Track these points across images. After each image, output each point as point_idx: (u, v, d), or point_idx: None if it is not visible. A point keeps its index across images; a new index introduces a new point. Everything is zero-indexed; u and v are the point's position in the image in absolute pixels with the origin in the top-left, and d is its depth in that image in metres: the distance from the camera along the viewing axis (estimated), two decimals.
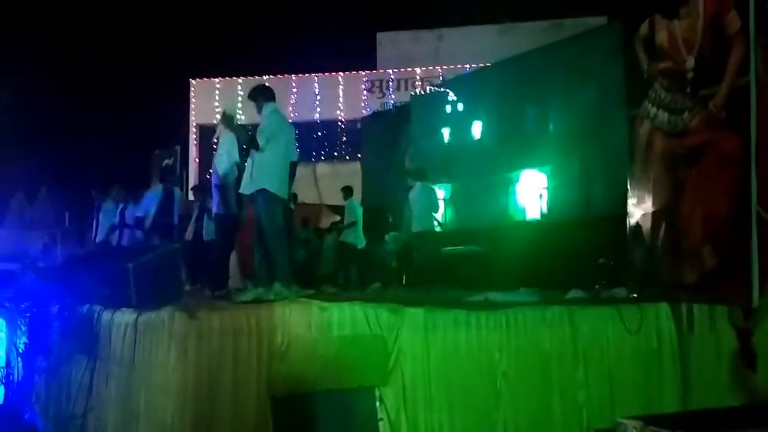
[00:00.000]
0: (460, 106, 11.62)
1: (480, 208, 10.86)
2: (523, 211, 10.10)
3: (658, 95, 5.71)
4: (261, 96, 5.97)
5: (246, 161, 5.80)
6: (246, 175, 5.76)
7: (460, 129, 11.68)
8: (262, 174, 5.57)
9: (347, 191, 11.47)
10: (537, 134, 10.11)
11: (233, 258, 8.07)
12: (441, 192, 10.89)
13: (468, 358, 4.57)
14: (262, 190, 5.54)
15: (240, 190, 5.96)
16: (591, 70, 9.12)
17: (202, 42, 22.72)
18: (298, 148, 6.20)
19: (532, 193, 10.01)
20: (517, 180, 10.21)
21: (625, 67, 6.34)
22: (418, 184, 9.27)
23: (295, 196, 6.31)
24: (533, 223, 9.68)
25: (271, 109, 5.91)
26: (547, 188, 9.81)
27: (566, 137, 9.63)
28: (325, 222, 13.45)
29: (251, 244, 5.93)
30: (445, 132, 12.08)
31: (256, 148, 5.58)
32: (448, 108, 11.97)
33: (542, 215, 9.79)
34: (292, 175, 5.89)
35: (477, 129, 11.34)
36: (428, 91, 13.50)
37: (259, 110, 5.90)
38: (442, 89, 12.84)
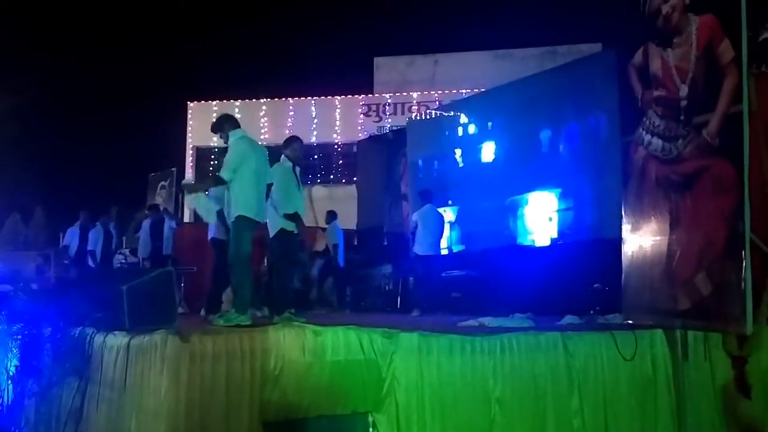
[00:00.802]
0: (459, 130, 11.71)
1: (476, 232, 10.89)
2: (517, 235, 10.12)
3: (652, 122, 5.75)
4: (226, 124, 6.07)
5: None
6: (225, 206, 5.94)
7: (455, 153, 11.75)
8: (234, 204, 5.74)
9: (331, 215, 11.50)
10: (532, 159, 10.17)
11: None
12: (448, 215, 10.96)
13: (462, 383, 4.54)
14: (235, 218, 5.71)
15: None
16: (587, 97, 9.21)
17: (200, 65, 22.92)
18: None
19: (525, 217, 10.05)
20: (511, 205, 10.26)
21: (619, 94, 6.39)
22: (426, 206, 9.15)
23: (295, 217, 6.36)
24: (526, 248, 9.70)
25: (238, 136, 6.00)
26: (542, 213, 9.84)
27: (560, 162, 9.70)
28: (321, 245, 13.42)
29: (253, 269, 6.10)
30: (443, 156, 12.15)
31: (223, 183, 5.71)
32: (446, 132, 12.05)
33: (537, 241, 9.81)
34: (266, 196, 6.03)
35: (473, 153, 11.42)
36: (425, 115, 13.59)
37: (226, 140, 6.02)
38: (440, 113, 12.94)
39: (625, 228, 5.97)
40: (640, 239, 5.81)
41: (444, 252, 10.56)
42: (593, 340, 4.97)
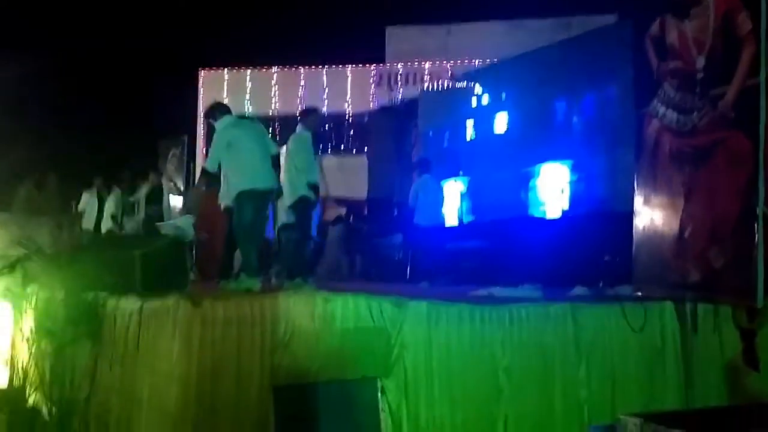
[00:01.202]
0: (471, 101, 11.63)
1: (487, 203, 10.89)
2: (528, 206, 10.10)
3: (667, 94, 5.68)
4: (217, 112, 6.18)
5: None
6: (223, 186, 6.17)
7: (467, 124, 11.69)
8: (232, 187, 5.98)
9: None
10: (544, 131, 10.11)
11: None
12: (459, 185, 10.92)
13: (470, 352, 4.56)
14: (236, 196, 5.93)
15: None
16: (601, 69, 9.11)
17: (212, 32, 22.69)
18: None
19: (537, 189, 10.02)
20: (523, 176, 10.22)
21: (634, 65, 6.31)
22: (424, 176, 9.20)
23: (316, 188, 6.50)
24: (537, 219, 9.68)
25: (222, 126, 6.10)
26: (554, 185, 9.80)
27: (572, 134, 9.63)
28: (332, 214, 13.46)
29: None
30: (454, 127, 12.10)
31: (210, 175, 6.00)
32: (458, 103, 11.98)
33: (548, 213, 9.79)
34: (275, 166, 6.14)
35: (485, 124, 11.37)
36: (437, 86, 13.49)
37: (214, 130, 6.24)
38: (452, 84, 12.85)
39: (638, 200, 5.94)
40: (652, 212, 5.77)
41: (454, 223, 10.57)
42: (602, 312, 4.97)
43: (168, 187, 9.90)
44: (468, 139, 11.71)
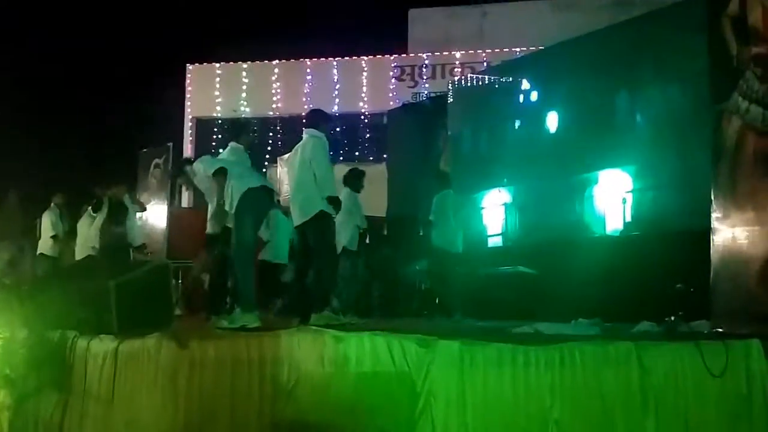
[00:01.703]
0: (513, 97, 11.66)
1: (534, 219, 10.88)
2: (583, 220, 10.08)
3: (750, 86, 5.65)
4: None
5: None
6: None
7: (509, 124, 11.72)
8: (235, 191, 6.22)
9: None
10: (601, 131, 10.10)
11: None
12: (501, 196, 10.90)
13: (513, 403, 4.53)
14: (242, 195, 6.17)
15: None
16: (668, 56, 9.09)
17: (201, 21, 23.06)
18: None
19: (594, 200, 9.99)
20: (579, 187, 10.20)
21: (709, 52, 6.29)
22: (444, 192, 9.25)
23: (332, 199, 6.61)
24: (595, 240, 9.64)
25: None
26: (613, 198, 9.77)
27: (635, 135, 9.60)
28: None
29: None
30: (493, 128, 12.13)
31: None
32: (497, 99, 12.01)
33: (606, 230, 9.75)
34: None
35: (530, 124, 11.39)
36: (470, 80, 13.55)
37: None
38: (489, 76, 12.90)
39: (715, 216, 5.90)
40: (734, 229, 5.73)
41: (495, 243, 10.57)
42: (674, 352, 4.92)
43: (133, 204, 10.03)
44: (509, 142, 11.73)
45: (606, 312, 7.16)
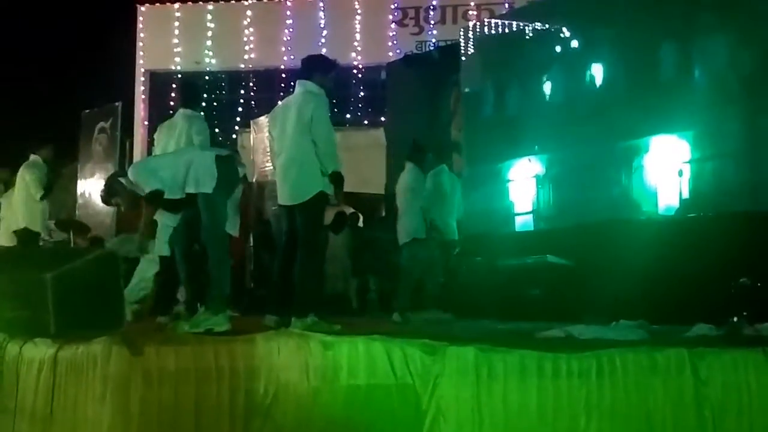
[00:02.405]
0: (542, 46, 11.64)
1: (568, 197, 10.91)
2: (629, 203, 10.10)
3: None
4: None
5: None
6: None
7: (537, 80, 11.71)
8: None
9: None
10: (651, 89, 10.11)
11: None
12: (529, 168, 10.90)
13: (540, 421, 4.57)
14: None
15: None
16: (714, 11, 9.10)
17: None
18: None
19: (643, 177, 10.02)
20: (624, 156, 10.22)
21: None
22: (407, 166, 9.29)
23: (335, 176, 6.52)
24: (641, 223, 9.67)
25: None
26: (664, 171, 9.78)
27: (694, 94, 9.60)
28: (331, 215, 13.52)
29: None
30: (517, 84, 12.12)
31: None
32: (522, 49, 11.98)
33: (655, 211, 9.77)
34: None
35: (565, 80, 11.39)
36: (488, 25, 13.51)
37: None
38: (513, 20, 12.86)
39: None
40: None
41: (520, 226, 10.62)
42: (736, 361, 4.96)
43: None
44: (539, 102, 11.74)
45: (654, 312, 7.19)
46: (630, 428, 4.69)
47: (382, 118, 17.85)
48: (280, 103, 6.81)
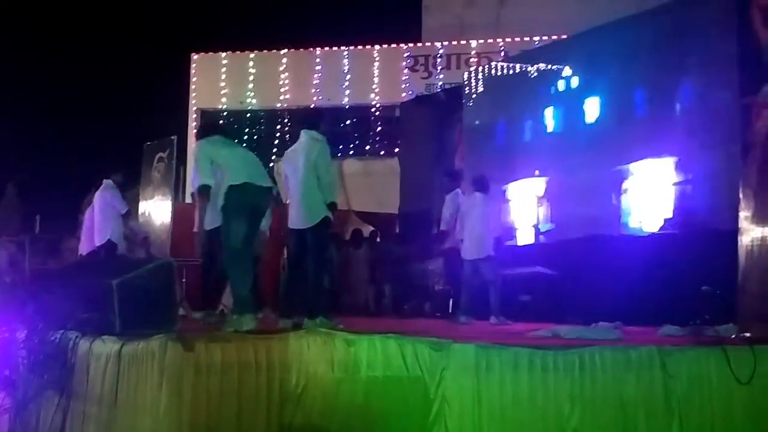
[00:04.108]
0: (536, 86, 11.66)
1: (556, 216, 10.89)
2: (605, 222, 10.06)
3: None
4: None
5: None
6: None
7: (533, 115, 11.74)
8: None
9: None
10: (623, 123, 10.11)
11: None
12: (524, 191, 10.88)
13: (530, 409, 4.55)
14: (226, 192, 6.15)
15: None
16: (692, 45, 9.07)
17: (206, 8, 23.07)
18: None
19: (617, 199, 9.98)
20: (603, 182, 10.20)
21: (738, 42, 6.27)
22: (477, 195, 9.11)
23: (333, 205, 6.72)
24: (613, 238, 9.62)
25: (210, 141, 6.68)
26: (635, 195, 9.75)
27: (662, 128, 9.57)
28: (348, 231, 13.54)
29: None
30: (514, 120, 12.14)
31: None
32: (520, 89, 12.01)
33: (627, 229, 9.73)
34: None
35: (549, 118, 11.40)
36: (487, 70, 13.53)
37: None
38: (507, 66, 12.89)
39: (743, 214, 5.89)
40: (764, 229, 5.71)
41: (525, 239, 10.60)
42: (699, 358, 4.92)
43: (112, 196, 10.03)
44: (529, 133, 11.77)
45: (627, 315, 7.15)
46: (607, 416, 4.66)
47: (396, 149, 17.88)
48: (290, 148, 7.04)
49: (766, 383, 4.99)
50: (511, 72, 12.68)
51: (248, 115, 21.02)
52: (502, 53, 18.63)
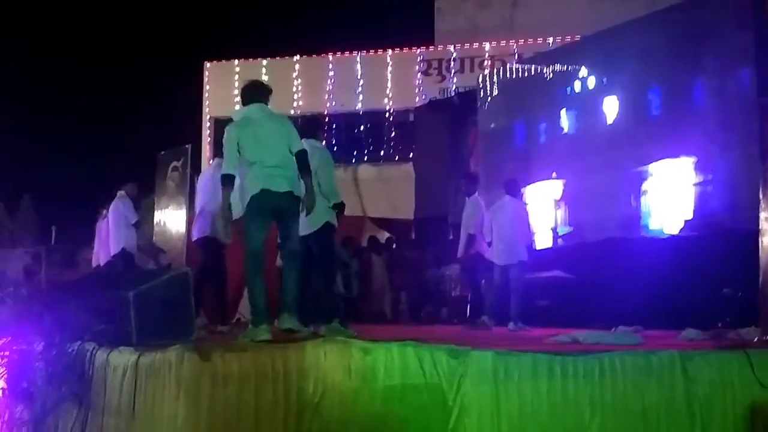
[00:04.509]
0: (553, 88, 11.65)
1: (575, 219, 10.87)
2: (624, 224, 10.02)
3: None
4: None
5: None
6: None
7: (544, 120, 11.71)
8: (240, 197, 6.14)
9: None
10: (639, 124, 10.08)
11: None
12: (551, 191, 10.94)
13: (550, 415, 4.53)
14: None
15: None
16: (708, 45, 9.03)
17: (218, 16, 23.22)
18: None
19: (636, 201, 9.95)
20: (620, 184, 10.17)
21: (756, 41, 6.25)
22: (507, 198, 9.04)
23: (340, 205, 6.73)
24: (633, 240, 9.58)
25: (234, 122, 6.38)
26: (651, 196, 9.71)
27: (676, 128, 9.54)
28: (365, 237, 13.54)
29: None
30: (526, 124, 12.13)
31: (228, 182, 6.00)
32: (537, 90, 12.00)
33: (647, 231, 9.69)
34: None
35: (565, 119, 11.39)
36: (501, 72, 13.52)
37: None
38: (521, 68, 12.89)
39: (764, 215, 5.85)
40: None
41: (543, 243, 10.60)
42: (721, 362, 4.89)
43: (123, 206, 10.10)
44: (543, 136, 11.76)
45: (648, 319, 7.12)
46: (628, 422, 4.64)
47: (411, 154, 17.89)
48: None
49: None
50: (525, 74, 12.68)
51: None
52: (516, 56, 18.62)
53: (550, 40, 17.84)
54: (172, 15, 22.02)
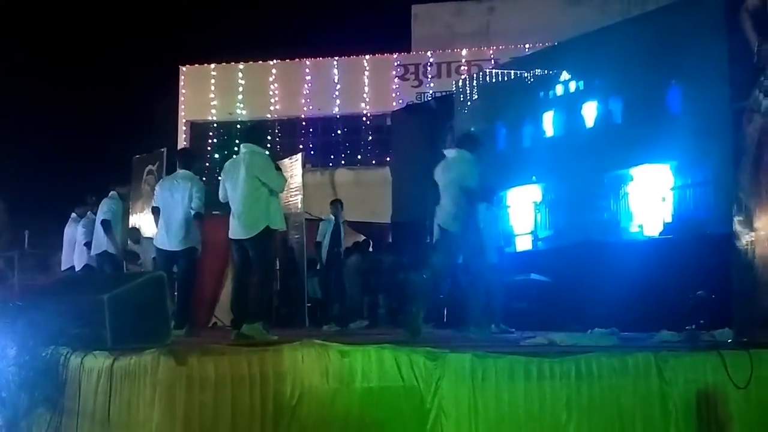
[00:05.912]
0: (530, 93, 11.71)
1: (551, 223, 10.91)
2: (598, 228, 10.08)
3: None
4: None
5: None
6: None
7: (523, 124, 11.77)
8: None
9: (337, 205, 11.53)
10: (615, 129, 10.15)
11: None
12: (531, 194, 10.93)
13: (527, 417, 4.55)
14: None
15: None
16: (683, 50, 9.12)
17: (194, 20, 23.14)
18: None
19: (612, 205, 10.01)
20: (595, 188, 10.22)
21: (729, 47, 6.31)
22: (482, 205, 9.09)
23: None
24: (607, 244, 9.65)
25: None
26: (630, 200, 9.78)
27: (652, 135, 9.61)
28: (346, 243, 13.52)
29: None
30: (501, 129, 12.17)
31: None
32: (508, 96, 12.05)
33: (622, 234, 9.75)
34: None
35: (544, 123, 11.45)
36: (477, 78, 13.58)
37: None
38: (497, 73, 12.94)
39: (738, 219, 5.91)
40: (758, 233, 5.74)
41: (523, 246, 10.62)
42: (696, 363, 4.93)
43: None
44: (520, 139, 11.81)
45: (623, 321, 7.16)
46: (605, 423, 4.67)
47: (388, 158, 17.91)
48: (228, 161, 7.24)
49: (763, 387, 5.01)
50: (502, 79, 12.74)
51: (238, 126, 21.05)
52: (492, 61, 18.73)
53: (527, 46, 17.98)
54: (148, 18, 21.86)
